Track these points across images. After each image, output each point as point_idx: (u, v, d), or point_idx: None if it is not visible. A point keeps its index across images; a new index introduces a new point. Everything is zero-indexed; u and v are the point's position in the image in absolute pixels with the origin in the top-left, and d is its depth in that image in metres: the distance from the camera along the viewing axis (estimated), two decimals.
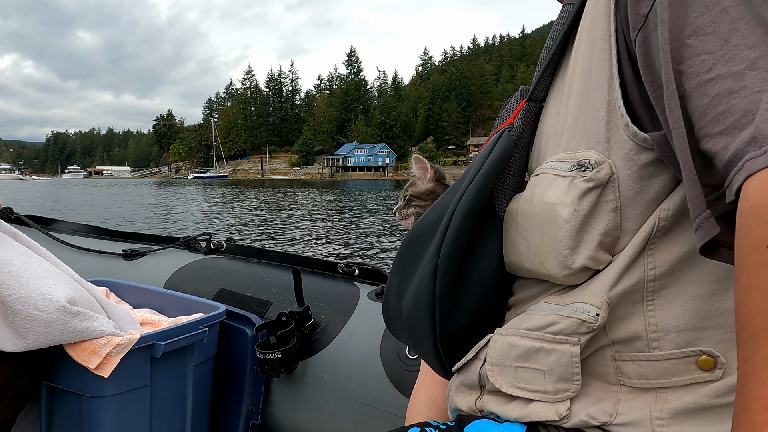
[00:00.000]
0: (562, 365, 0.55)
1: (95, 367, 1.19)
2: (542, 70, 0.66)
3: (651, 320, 0.53)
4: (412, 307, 0.69)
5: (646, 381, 0.53)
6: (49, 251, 2.06)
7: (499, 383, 0.60)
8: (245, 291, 1.69)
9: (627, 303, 0.54)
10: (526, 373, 0.58)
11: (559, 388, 0.56)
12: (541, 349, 0.57)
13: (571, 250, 0.54)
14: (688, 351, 0.51)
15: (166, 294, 1.64)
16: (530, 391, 0.58)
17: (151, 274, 1.89)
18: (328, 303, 1.56)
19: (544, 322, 0.57)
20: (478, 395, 0.65)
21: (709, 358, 0.51)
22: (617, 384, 0.56)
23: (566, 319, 0.55)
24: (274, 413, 1.53)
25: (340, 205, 21.94)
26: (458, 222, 0.63)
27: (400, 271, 0.73)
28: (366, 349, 1.40)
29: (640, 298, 0.53)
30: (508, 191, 0.68)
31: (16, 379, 1.21)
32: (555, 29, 0.65)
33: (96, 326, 1.20)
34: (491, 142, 0.67)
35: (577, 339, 0.54)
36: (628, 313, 0.54)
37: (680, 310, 0.52)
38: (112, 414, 1.25)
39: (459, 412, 0.68)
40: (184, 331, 1.35)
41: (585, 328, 0.54)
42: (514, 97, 0.72)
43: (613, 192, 0.53)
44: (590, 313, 0.53)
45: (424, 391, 0.93)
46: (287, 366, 1.41)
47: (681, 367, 0.52)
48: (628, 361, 0.54)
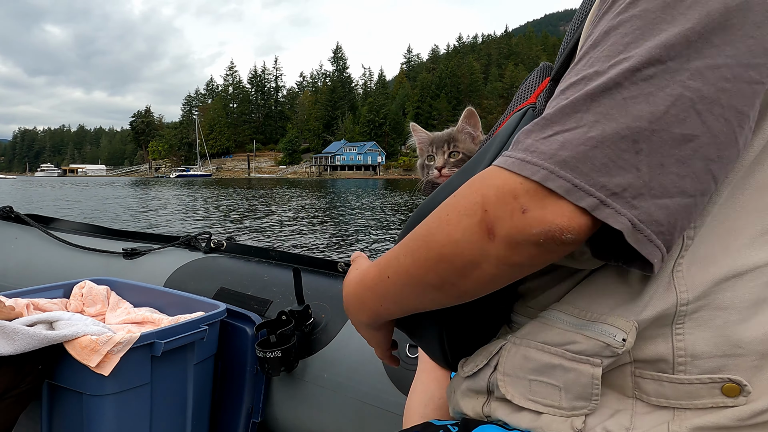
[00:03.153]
0: (581, 385, 0.53)
1: (96, 365, 1.19)
2: (567, 49, 0.63)
3: (679, 344, 0.50)
4: None
5: (665, 400, 0.52)
6: (50, 250, 2.07)
7: (510, 394, 0.58)
8: (245, 290, 1.70)
9: (655, 325, 0.51)
10: (541, 387, 0.56)
11: (575, 405, 0.54)
12: (559, 366, 0.54)
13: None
14: (716, 377, 0.49)
15: (167, 293, 1.65)
16: (543, 405, 0.56)
17: (151, 272, 1.90)
18: (329, 302, 1.56)
19: (564, 339, 0.55)
20: (486, 401, 0.63)
21: (735, 385, 0.49)
22: (633, 398, 0.54)
23: (589, 341, 0.53)
24: (274, 412, 1.53)
25: (336, 206, 21.70)
26: None
27: None
28: (366, 348, 1.39)
29: (670, 321, 0.51)
30: None
31: (18, 380, 1.22)
32: (582, 9, 0.63)
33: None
34: (513, 120, 0.65)
35: (599, 361, 0.52)
36: (655, 335, 0.51)
37: (710, 336, 0.50)
38: (113, 412, 1.26)
39: (463, 415, 0.66)
40: (185, 329, 1.35)
41: (609, 352, 0.51)
42: (534, 74, 0.70)
43: None
44: (617, 338, 0.51)
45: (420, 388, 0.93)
46: (287, 365, 1.41)
47: (704, 391, 0.50)
48: (648, 380, 0.52)
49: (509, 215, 0.45)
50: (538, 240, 0.44)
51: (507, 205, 0.45)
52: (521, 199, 0.44)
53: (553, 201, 0.43)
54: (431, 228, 0.52)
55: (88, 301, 1.64)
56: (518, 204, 0.44)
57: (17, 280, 1.96)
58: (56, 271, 1.96)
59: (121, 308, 1.62)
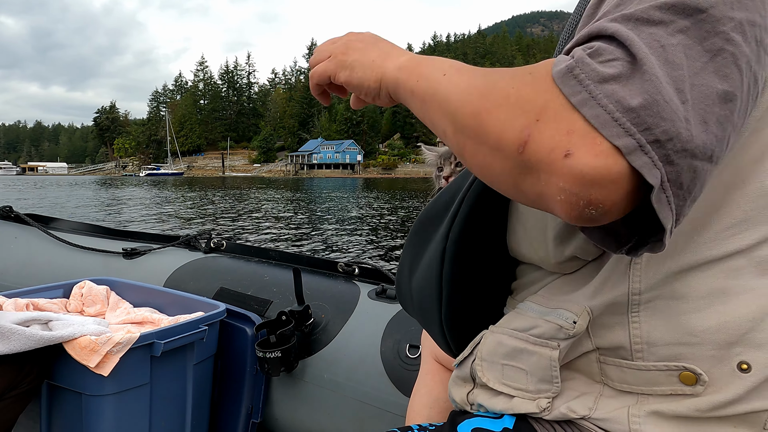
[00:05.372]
0: (542, 368, 0.57)
1: (95, 365, 1.19)
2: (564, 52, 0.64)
3: (635, 332, 0.53)
4: (421, 286, 0.71)
5: (627, 385, 0.54)
6: (50, 250, 2.07)
7: (486, 378, 0.62)
8: (245, 290, 1.69)
9: (611, 313, 0.54)
10: (511, 371, 0.60)
11: (540, 389, 0.58)
12: (525, 350, 0.58)
13: (561, 239, 0.55)
14: (672, 365, 0.51)
15: (167, 293, 1.64)
16: (514, 388, 0.60)
17: (151, 272, 1.89)
18: (328, 302, 1.56)
19: (528, 324, 0.59)
20: (471, 388, 0.67)
21: (691, 374, 0.50)
22: (600, 383, 0.57)
23: (547, 324, 0.57)
24: (273, 412, 1.53)
25: (315, 207, 21.19)
26: (467, 208, 0.64)
27: (413, 249, 0.75)
28: (366, 348, 1.40)
29: (625, 309, 0.53)
30: None
31: (18, 380, 1.22)
32: (576, 11, 0.63)
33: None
34: None
35: (556, 344, 0.56)
36: (613, 323, 0.54)
37: (665, 324, 0.51)
38: (112, 412, 1.26)
39: (454, 403, 0.70)
40: (184, 329, 1.35)
41: (563, 334, 0.55)
42: None
43: None
44: (568, 320, 0.55)
45: (424, 390, 0.93)
46: (287, 365, 1.41)
47: (663, 378, 0.52)
48: (611, 366, 0.55)
49: (548, 137, 0.38)
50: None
51: (554, 124, 0.38)
52: (558, 119, 0.38)
53: (585, 133, 0.37)
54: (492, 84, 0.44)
55: (88, 301, 1.64)
56: (563, 127, 0.38)
57: (17, 279, 1.96)
58: (56, 271, 1.96)
59: (120, 308, 1.61)
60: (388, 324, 1.43)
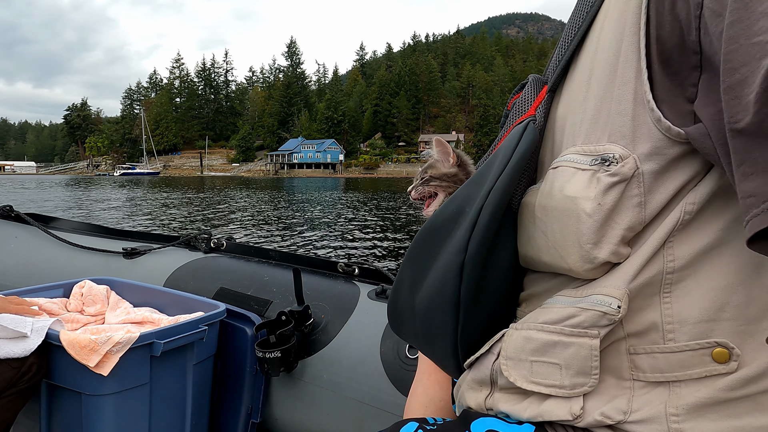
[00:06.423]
0: (581, 358, 0.55)
1: (95, 365, 1.19)
2: (564, 61, 0.64)
3: (667, 311, 0.53)
4: (431, 302, 0.67)
5: (660, 374, 0.53)
6: (50, 249, 2.07)
7: (513, 377, 0.59)
8: (245, 290, 1.69)
9: (644, 295, 0.54)
10: (542, 368, 0.57)
11: (576, 383, 0.56)
12: (559, 343, 0.56)
13: (594, 244, 0.54)
14: (703, 342, 0.51)
15: (167, 292, 1.65)
16: (545, 385, 0.57)
17: (151, 272, 1.90)
18: (328, 302, 1.56)
19: (562, 315, 0.57)
20: (489, 392, 0.64)
21: (724, 350, 0.50)
22: (630, 379, 0.55)
23: (586, 312, 0.55)
24: (273, 412, 1.53)
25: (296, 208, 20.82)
26: (487, 219, 0.61)
27: (415, 264, 0.71)
28: (366, 349, 1.40)
29: (658, 289, 0.53)
30: (524, 184, 0.67)
31: (17, 378, 1.22)
32: (575, 19, 0.63)
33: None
34: (515, 135, 0.65)
35: (597, 332, 0.54)
36: (645, 305, 0.54)
37: (696, 302, 0.52)
38: (112, 412, 1.26)
39: (469, 409, 0.67)
40: (184, 329, 1.35)
41: (606, 321, 0.54)
42: (527, 88, 0.70)
43: (638, 187, 0.53)
44: (612, 306, 0.53)
45: (420, 390, 0.93)
46: (287, 365, 1.41)
47: (696, 359, 0.52)
48: (642, 354, 0.54)
49: None
50: None
51: None
52: None
53: None
54: None
55: (88, 301, 1.64)
56: None
57: (17, 279, 1.96)
58: (56, 271, 1.96)
59: (120, 308, 1.62)
60: (388, 324, 1.43)
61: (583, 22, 0.62)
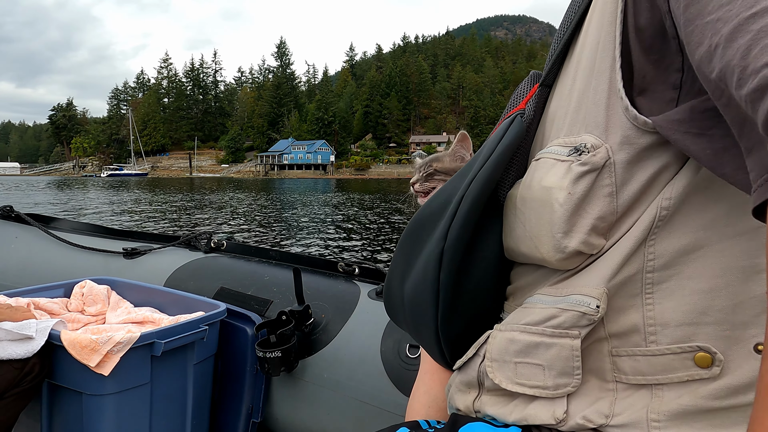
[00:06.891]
0: (563, 359, 0.55)
1: (96, 365, 1.19)
2: (555, 55, 0.65)
3: (649, 313, 0.52)
4: (415, 291, 0.68)
5: (642, 377, 0.53)
6: (50, 249, 2.07)
7: (498, 379, 0.60)
8: (245, 290, 1.70)
9: (625, 295, 0.53)
10: (526, 369, 0.58)
11: (558, 383, 0.56)
12: (541, 344, 0.56)
13: (564, 233, 0.54)
14: (685, 346, 0.50)
15: (167, 292, 1.65)
16: (530, 386, 0.57)
17: (151, 272, 1.90)
18: (329, 302, 1.56)
19: (543, 316, 0.57)
20: (477, 395, 0.64)
21: (706, 354, 0.50)
22: (613, 381, 0.55)
23: (566, 312, 0.55)
24: (274, 412, 1.54)
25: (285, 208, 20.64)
26: (467, 208, 0.62)
27: (404, 255, 0.72)
28: (366, 348, 1.40)
29: (639, 290, 0.53)
30: (512, 177, 0.67)
31: (20, 379, 1.22)
32: (568, 15, 0.64)
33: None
34: (502, 128, 0.66)
35: (577, 332, 0.54)
36: (627, 306, 0.53)
37: (679, 305, 0.51)
38: (113, 412, 1.26)
39: (456, 410, 0.68)
40: (185, 329, 1.35)
41: (585, 321, 0.53)
42: (525, 82, 0.71)
43: (609, 176, 0.52)
44: (591, 306, 0.53)
45: (423, 389, 0.93)
46: (287, 365, 1.41)
47: (677, 362, 0.51)
48: (624, 356, 0.54)
49: None
50: None
51: None
52: None
53: None
54: None
55: (89, 301, 1.64)
56: None
57: (17, 279, 1.96)
58: (56, 271, 1.96)
59: (121, 308, 1.62)
60: (389, 324, 1.43)
61: (574, 17, 0.62)
